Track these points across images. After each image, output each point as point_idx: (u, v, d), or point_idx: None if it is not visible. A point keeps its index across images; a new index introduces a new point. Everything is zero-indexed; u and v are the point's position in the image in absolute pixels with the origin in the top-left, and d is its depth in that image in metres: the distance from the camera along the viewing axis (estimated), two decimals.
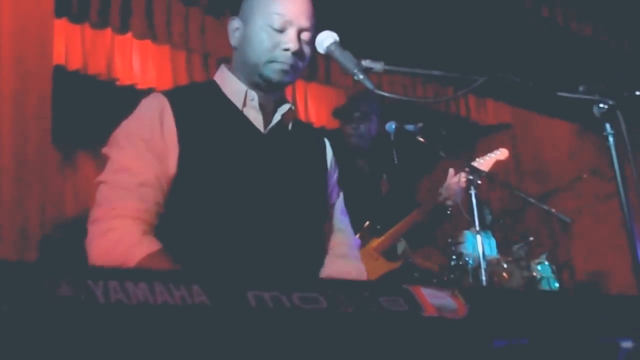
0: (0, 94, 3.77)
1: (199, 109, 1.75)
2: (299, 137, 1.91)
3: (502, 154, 3.53)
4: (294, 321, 0.91)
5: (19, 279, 0.74)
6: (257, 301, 0.88)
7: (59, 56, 4.57)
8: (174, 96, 1.76)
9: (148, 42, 4.99)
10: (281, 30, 1.74)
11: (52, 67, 4.13)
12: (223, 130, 1.75)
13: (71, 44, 4.81)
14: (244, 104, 1.79)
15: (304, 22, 1.76)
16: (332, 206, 1.99)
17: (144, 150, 1.66)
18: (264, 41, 1.74)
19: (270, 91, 1.82)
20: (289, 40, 1.73)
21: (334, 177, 2.00)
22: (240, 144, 1.75)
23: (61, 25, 4.56)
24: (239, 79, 1.81)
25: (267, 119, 1.82)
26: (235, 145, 1.74)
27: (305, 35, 1.77)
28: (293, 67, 1.76)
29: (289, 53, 1.73)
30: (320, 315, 0.93)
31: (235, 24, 1.82)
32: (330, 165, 1.98)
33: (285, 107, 1.84)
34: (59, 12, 4.30)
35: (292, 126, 1.88)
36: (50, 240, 3.72)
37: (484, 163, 3.41)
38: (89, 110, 5.41)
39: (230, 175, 1.70)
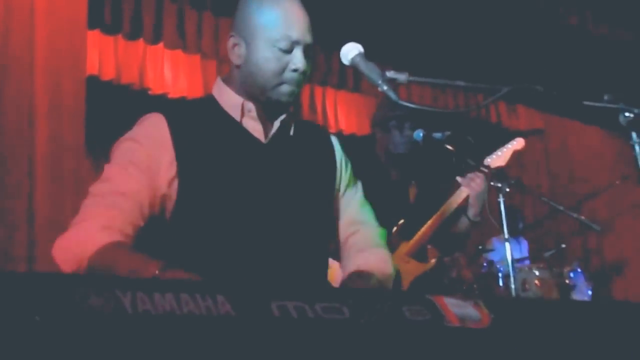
0: (35, 103, 3.85)
1: (196, 125, 1.74)
2: (303, 141, 1.88)
3: (518, 143, 3.29)
4: (316, 331, 0.92)
5: (51, 291, 0.77)
6: (280, 311, 0.90)
7: (92, 67, 4.65)
8: (172, 113, 1.74)
9: (179, 52, 5.06)
10: (288, 51, 1.71)
11: (85, 78, 4.21)
12: (221, 143, 1.74)
13: (104, 55, 4.89)
14: (242, 115, 1.78)
15: (309, 39, 1.75)
16: (349, 201, 1.96)
17: (129, 164, 1.67)
18: (271, 63, 1.71)
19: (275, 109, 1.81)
20: (298, 62, 1.71)
21: (348, 173, 1.96)
22: (240, 155, 1.74)
23: (94, 37, 4.65)
24: (236, 91, 1.80)
25: (267, 127, 1.80)
26: (234, 157, 1.73)
27: (309, 51, 1.76)
28: (299, 86, 1.76)
29: (297, 73, 1.72)
30: (343, 325, 0.94)
31: (234, 40, 1.77)
32: (340, 164, 1.95)
33: (283, 115, 1.81)
34: (92, 24, 4.39)
35: (295, 130, 1.85)
36: None
37: (501, 156, 3.27)
38: (122, 120, 5.48)
39: (231, 188, 1.70)
